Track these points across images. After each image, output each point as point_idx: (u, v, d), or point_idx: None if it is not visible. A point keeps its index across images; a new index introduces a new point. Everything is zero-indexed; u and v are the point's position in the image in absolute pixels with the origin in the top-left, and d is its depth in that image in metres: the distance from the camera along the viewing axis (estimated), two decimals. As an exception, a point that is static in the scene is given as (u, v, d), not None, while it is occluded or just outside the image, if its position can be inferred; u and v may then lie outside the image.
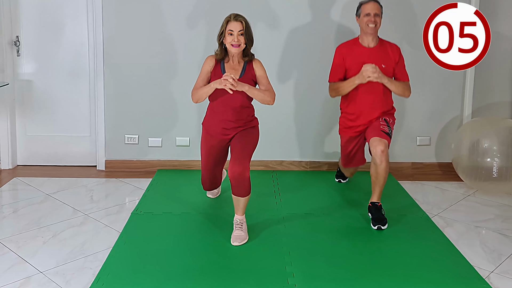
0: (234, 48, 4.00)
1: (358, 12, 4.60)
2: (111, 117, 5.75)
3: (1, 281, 3.44)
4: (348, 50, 4.66)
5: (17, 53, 5.71)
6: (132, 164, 5.84)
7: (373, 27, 4.49)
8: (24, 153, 5.92)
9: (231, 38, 3.98)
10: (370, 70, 4.33)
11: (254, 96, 4.05)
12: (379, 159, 4.29)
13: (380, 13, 4.53)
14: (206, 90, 4.01)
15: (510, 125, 5.16)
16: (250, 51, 4.17)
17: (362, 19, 4.54)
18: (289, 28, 5.58)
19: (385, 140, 4.35)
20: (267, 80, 4.15)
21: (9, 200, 4.96)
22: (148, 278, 3.50)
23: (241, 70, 4.12)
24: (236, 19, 4.00)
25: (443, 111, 5.82)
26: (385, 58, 4.58)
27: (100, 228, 4.34)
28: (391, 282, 3.51)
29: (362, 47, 4.62)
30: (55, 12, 5.65)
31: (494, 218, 4.67)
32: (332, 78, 4.73)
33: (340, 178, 5.48)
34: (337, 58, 4.71)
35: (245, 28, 4.01)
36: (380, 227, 4.30)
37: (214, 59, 4.16)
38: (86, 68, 5.77)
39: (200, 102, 4.13)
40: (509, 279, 3.59)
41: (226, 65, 4.13)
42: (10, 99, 5.71)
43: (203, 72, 4.15)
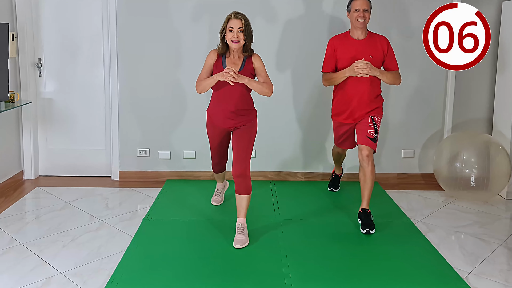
0: (234, 44, 3.96)
1: (349, 8, 4.55)
2: (124, 132, 5.75)
3: (25, 281, 3.45)
4: (339, 42, 4.59)
5: (39, 74, 5.72)
6: (144, 174, 5.84)
7: (362, 21, 4.43)
8: (46, 164, 5.91)
9: (231, 34, 3.95)
10: (361, 66, 4.29)
11: (253, 87, 4.02)
12: (365, 163, 4.36)
13: (369, 8, 4.48)
14: (209, 82, 3.98)
15: (487, 139, 5.18)
16: (250, 47, 4.12)
17: (352, 14, 4.48)
18: (291, 53, 5.61)
19: (371, 147, 4.41)
20: (265, 73, 4.11)
21: (32, 207, 4.95)
22: (158, 278, 3.50)
23: (241, 64, 4.08)
24: (236, 17, 3.96)
25: (426, 126, 5.81)
26: (373, 49, 4.51)
27: (114, 233, 4.34)
28: (379, 282, 3.52)
29: (352, 40, 4.55)
30: (73, 36, 5.67)
31: (472, 224, 4.67)
32: (325, 68, 4.66)
33: (332, 187, 5.46)
34: (329, 50, 4.64)
35: (245, 25, 3.97)
36: (368, 231, 4.31)
37: (216, 53, 4.11)
38: (102, 88, 5.77)
39: (203, 92, 4.08)
40: (486, 279, 3.60)
41: (227, 59, 4.09)
42: (33, 115, 5.71)
43: (206, 65, 4.11)
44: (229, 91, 4.05)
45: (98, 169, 5.95)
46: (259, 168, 5.75)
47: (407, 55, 5.56)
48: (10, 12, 5.43)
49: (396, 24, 5.56)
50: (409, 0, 5.53)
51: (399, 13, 5.55)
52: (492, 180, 5.03)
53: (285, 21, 5.57)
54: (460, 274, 3.66)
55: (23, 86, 5.61)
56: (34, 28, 5.64)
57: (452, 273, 3.67)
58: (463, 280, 3.55)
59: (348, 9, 4.57)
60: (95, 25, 5.66)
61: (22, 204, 5.03)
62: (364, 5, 4.44)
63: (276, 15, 5.55)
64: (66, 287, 3.40)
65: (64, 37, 5.67)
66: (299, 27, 5.58)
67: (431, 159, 5.78)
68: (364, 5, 4.44)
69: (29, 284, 3.43)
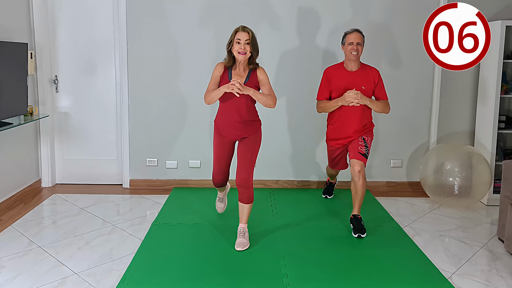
0: (241, 55, 3.87)
1: (343, 41, 4.54)
2: (134, 143, 5.75)
3: (42, 281, 3.46)
4: (334, 73, 4.58)
5: (56, 90, 5.74)
6: (152, 182, 5.83)
7: (355, 54, 4.42)
8: (62, 173, 5.91)
9: (238, 46, 3.86)
10: (352, 96, 4.28)
11: (257, 99, 3.92)
12: (357, 177, 4.34)
13: (362, 42, 4.47)
14: (216, 93, 3.87)
15: (469, 150, 5.17)
16: (255, 60, 4.03)
17: (347, 47, 4.47)
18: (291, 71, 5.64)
19: (362, 161, 4.39)
20: (269, 86, 4.00)
21: (49, 213, 4.95)
22: (165, 278, 3.51)
23: (246, 76, 3.99)
24: (244, 30, 3.89)
25: (413, 138, 5.80)
26: (365, 80, 4.50)
27: (125, 236, 4.34)
28: (369, 281, 3.52)
29: (346, 71, 4.54)
30: (87, 55, 5.69)
31: (456, 228, 4.67)
32: (320, 96, 4.64)
33: (326, 194, 5.46)
34: (324, 79, 4.62)
35: (251, 38, 3.89)
36: (360, 235, 4.31)
37: (223, 66, 4.02)
38: (114, 103, 5.79)
39: (211, 103, 3.95)
40: (468, 279, 3.60)
41: (233, 72, 3.99)
42: (50, 128, 5.73)
43: (213, 77, 4.01)
44: (235, 103, 3.97)
45: (110, 178, 5.95)
46: (260, 177, 5.74)
47: (396, 78, 5.60)
48: (29, 33, 5.46)
49: (387, 55, 5.59)
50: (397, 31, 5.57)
51: (389, 46, 5.60)
52: (474, 188, 5.03)
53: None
54: (445, 274, 3.66)
55: (41, 101, 5.63)
56: (51, 48, 5.67)
57: (437, 273, 3.67)
58: (447, 280, 3.56)
59: (343, 42, 4.56)
60: (107, 45, 5.69)
61: (40, 210, 5.03)
62: (358, 39, 4.45)
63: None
64: (80, 286, 3.41)
65: (79, 56, 5.70)
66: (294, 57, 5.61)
67: (417, 168, 5.79)
68: (358, 39, 4.45)
69: (47, 283, 3.43)
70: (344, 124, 4.55)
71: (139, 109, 5.69)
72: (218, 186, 4.52)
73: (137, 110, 5.69)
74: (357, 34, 4.48)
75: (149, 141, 5.76)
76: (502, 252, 4.12)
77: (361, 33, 4.52)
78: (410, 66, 5.62)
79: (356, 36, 4.47)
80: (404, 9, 5.52)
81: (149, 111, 5.69)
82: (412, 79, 5.63)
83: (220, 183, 4.43)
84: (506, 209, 4.16)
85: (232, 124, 4.05)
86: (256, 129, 4.13)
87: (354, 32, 4.48)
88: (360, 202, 4.45)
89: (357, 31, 4.50)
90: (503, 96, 5.37)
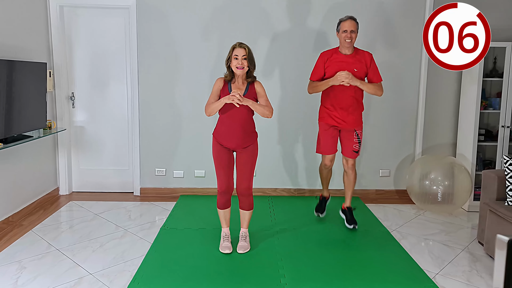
0: (239, 70, 3.83)
1: (338, 28, 4.42)
2: (144, 155, 5.77)
3: (60, 281, 3.49)
4: (329, 56, 4.46)
5: (72, 106, 5.75)
6: (161, 190, 5.84)
7: (349, 41, 4.33)
8: (78, 182, 5.92)
9: (236, 61, 3.82)
10: (343, 75, 4.20)
11: (256, 110, 3.87)
12: (350, 170, 4.53)
13: (356, 29, 4.35)
14: (217, 105, 3.81)
15: (451, 161, 5.19)
16: (253, 74, 3.99)
17: (341, 35, 4.36)
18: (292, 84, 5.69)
19: (354, 158, 4.54)
20: (266, 98, 3.96)
21: (66, 218, 4.96)
22: (173, 278, 3.53)
23: (245, 89, 3.93)
24: (241, 46, 3.85)
25: (400, 150, 5.82)
26: (357, 63, 4.38)
27: (136, 240, 4.35)
28: (360, 281, 3.54)
29: (340, 54, 4.43)
30: (101, 73, 5.71)
31: (439, 232, 4.68)
32: (313, 77, 4.53)
33: (318, 212, 4.99)
34: (319, 61, 4.50)
35: (248, 53, 3.85)
36: (355, 227, 4.30)
37: (223, 80, 3.96)
38: (125, 117, 5.80)
39: (212, 115, 3.90)
40: (451, 279, 3.62)
41: (233, 85, 3.93)
42: (67, 141, 5.76)
43: (214, 91, 3.95)
44: (235, 114, 3.91)
45: (122, 186, 5.96)
46: (259, 185, 5.77)
47: (386, 95, 5.60)
48: (48, 53, 5.51)
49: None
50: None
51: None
52: (456, 195, 5.05)
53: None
54: (429, 275, 3.68)
55: (59, 116, 5.66)
56: (68, 67, 5.69)
57: (422, 274, 3.69)
58: (431, 280, 3.58)
59: (337, 29, 4.45)
60: (119, 65, 5.71)
61: (58, 215, 5.05)
62: (352, 27, 4.34)
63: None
64: (95, 286, 3.43)
65: (93, 74, 5.72)
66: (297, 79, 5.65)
67: (404, 177, 5.81)
68: (352, 26, 4.34)
69: (64, 283, 3.46)
70: (338, 102, 4.45)
71: (148, 123, 5.71)
72: (223, 204, 4.12)
73: (147, 124, 5.71)
74: (351, 22, 4.36)
75: (158, 152, 5.78)
76: (482, 254, 4.14)
77: (355, 20, 4.40)
78: (396, 85, 5.65)
79: (350, 24, 4.35)
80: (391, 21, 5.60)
81: (157, 125, 5.72)
82: (399, 96, 5.67)
83: (226, 192, 4.06)
84: (485, 215, 4.18)
85: (232, 134, 3.95)
86: (253, 140, 4.07)
87: (348, 20, 4.37)
88: (351, 193, 4.59)
89: (351, 19, 4.38)
90: (483, 111, 5.40)
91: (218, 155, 4.06)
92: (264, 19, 5.53)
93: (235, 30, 5.52)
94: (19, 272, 3.64)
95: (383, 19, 5.55)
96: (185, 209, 5.25)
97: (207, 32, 5.56)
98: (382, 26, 5.57)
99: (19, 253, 4.02)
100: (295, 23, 5.55)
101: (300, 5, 5.51)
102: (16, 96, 4.46)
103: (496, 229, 3.96)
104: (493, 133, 5.55)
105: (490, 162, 5.60)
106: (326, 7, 5.52)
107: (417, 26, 5.54)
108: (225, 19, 5.53)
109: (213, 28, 5.55)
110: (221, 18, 5.53)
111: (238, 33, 5.50)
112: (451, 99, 5.74)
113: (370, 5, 5.52)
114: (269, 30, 5.55)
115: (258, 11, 5.52)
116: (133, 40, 5.55)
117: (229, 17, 5.52)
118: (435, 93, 5.70)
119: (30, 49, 5.09)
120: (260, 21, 5.53)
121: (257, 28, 5.55)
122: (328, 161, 4.72)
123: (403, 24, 5.57)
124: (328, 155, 4.68)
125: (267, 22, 5.53)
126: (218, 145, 4.06)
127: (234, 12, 5.51)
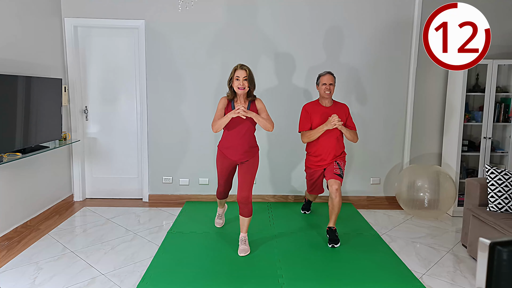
0: (240, 90, 3.86)
1: (318, 82, 4.52)
2: (152, 164, 5.77)
3: (75, 280, 3.49)
4: (311, 108, 4.54)
5: (86, 118, 5.78)
6: (168, 197, 5.83)
7: (328, 93, 4.43)
8: (91, 189, 5.92)
9: (237, 82, 3.86)
10: (336, 119, 4.26)
11: (259, 122, 3.85)
12: (334, 195, 4.29)
13: (333, 82, 4.45)
14: (224, 121, 3.81)
15: (437, 170, 5.19)
16: (253, 93, 4.03)
17: (321, 87, 4.47)
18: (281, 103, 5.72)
19: (338, 181, 4.34)
20: (267, 113, 3.96)
21: (80, 223, 4.96)
22: (179, 278, 3.53)
23: (247, 107, 3.97)
24: (242, 68, 3.88)
25: (389, 159, 5.84)
26: (338, 114, 4.45)
27: (145, 242, 4.36)
28: (352, 280, 3.54)
29: (321, 106, 4.51)
30: (112, 89, 5.73)
31: (425, 235, 4.69)
32: (303, 128, 4.55)
33: (305, 210, 5.36)
34: (304, 113, 4.56)
35: (249, 74, 3.89)
36: (333, 246, 4.24)
37: (226, 99, 4.00)
38: (135, 130, 5.82)
39: (218, 131, 3.88)
40: (436, 279, 3.63)
41: (235, 103, 3.96)
42: (81, 151, 5.77)
43: (218, 109, 3.95)
44: (239, 130, 3.97)
45: (132, 193, 5.96)
46: (259, 192, 5.78)
47: (374, 105, 5.67)
48: (63, 70, 5.53)
49: (368, 91, 5.68)
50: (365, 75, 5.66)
51: (367, 84, 5.68)
52: (441, 201, 5.06)
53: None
54: (416, 275, 3.69)
55: (73, 128, 5.68)
56: (82, 83, 5.71)
57: (410, 274, 3.69)
58: (418, 280, 3.58)
59: (317, 83, 4.55)
60: (129, 81, 5.73)
61: (72, 220, 5.05)
62: (330, 80, 4.44)
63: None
64: (106, 285, 3.43)
65: (105, 89, 5.74)
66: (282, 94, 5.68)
67: (393, 185, 5.82)
68: (330, 80, 4.44)
69: (78, 283, 3.46)
70: (322, 151, 4.50)
71: (156, 135, 5.72)
72: (221, 197, 4.52)
73: (155, 135, 5.72)
74: (329, 76, 4.47)
75: (165, 162, 5.78)
76: (465, 256, 4.15)
77: (333, 74, 4.50)
78: (386, 100, 5.68)
79: (329, 78, 4.46)
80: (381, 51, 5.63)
81: (165, 137, 5.73)
82: (388, 110, 5.69)
83: (223, 192, 4.44)
84: (468, 219, 4.19)
85: (236, 147, 4.02)
86: (255, 153, 4.11)
87: (327, 75, 4.47)
88: (335, 216, 4.38)
89: (329, 73, 4.48)
90: (466, 123, 5.44)
91: (222, 165, 4.20)
92: (265, 40, 5.57)
93: (236, 51, 5.55)
94: (36, 272, 3.65)
95: (370, 39, 5.61)
96: (190, 214, 5.25)
97: (207, 55, 5.57)
98: (370, 46, 5.62)
99: (37, 254, 4.02)
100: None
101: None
102: (33, 109, 4.48)
103: (478, 232, 3.98)
104: (476, 144, 5.57)
105: (473, 171, 5.61)
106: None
107: (406, 42, 5.60)
108: (227, 41, 5.55)
109: (215, 51, 5.57)
110: (224, 40, 5.55)
111: (240, 53, 5.54)
112: (437, 113, 5.75)
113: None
114: (271, 50, 5.59)
115: (258, 35, 5.55)
116: (142, 58, 5.57)
117: (231, 39, 5.55)
118: (422, 107, 5.72)
119: (47, 66, 5.12)
120: (261, 43, 5.57)
121: (259, 50, 5.58)
122: (313, 199, 5.16)
123: (390, 44, 5.62)
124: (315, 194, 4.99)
125: (269, 44, 5.58)
126: (222, 157, 4.14)
127: (236, 35, 5.55)
